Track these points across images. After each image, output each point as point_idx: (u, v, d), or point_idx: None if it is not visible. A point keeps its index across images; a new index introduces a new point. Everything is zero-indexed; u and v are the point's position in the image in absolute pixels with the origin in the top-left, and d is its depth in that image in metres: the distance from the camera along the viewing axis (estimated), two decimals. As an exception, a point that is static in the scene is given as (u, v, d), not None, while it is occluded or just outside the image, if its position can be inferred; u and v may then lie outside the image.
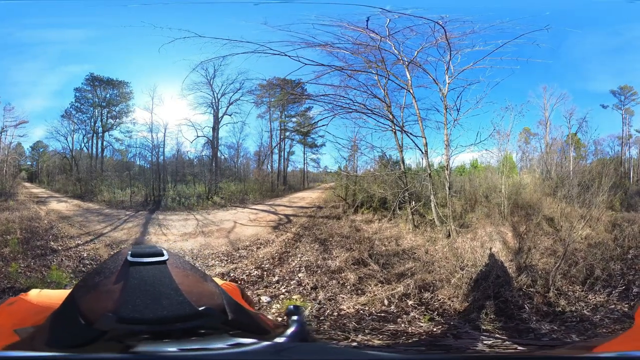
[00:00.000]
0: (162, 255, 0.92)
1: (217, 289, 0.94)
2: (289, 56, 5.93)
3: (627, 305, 4.05)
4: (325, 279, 4.94)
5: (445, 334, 3.69)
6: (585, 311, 4.02)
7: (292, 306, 0.97)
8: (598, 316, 3.90)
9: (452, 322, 3.91)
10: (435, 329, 3.78)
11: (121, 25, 6.03)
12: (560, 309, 4.09)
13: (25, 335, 0.87)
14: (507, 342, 3.34)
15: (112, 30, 6.64)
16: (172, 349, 0.76)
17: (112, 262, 0.93)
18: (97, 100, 7.92)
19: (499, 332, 3.66)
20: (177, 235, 6.45)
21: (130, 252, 0.91)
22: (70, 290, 0.92)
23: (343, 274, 4.97)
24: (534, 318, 3.92)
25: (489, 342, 3.35)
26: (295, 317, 0.93)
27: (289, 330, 0.89)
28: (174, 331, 0.79)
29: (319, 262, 5.42)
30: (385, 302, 4.33)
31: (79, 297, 0.86)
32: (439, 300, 4.37)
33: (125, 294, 0.81)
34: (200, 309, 0.82)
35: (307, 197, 8.51)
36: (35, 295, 1.12)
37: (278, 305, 4.38)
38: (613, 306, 4.08)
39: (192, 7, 6.27)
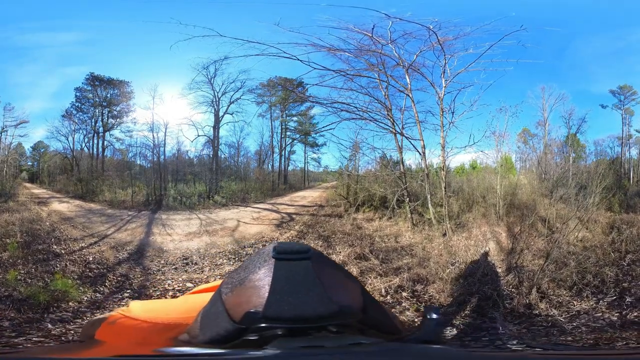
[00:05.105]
0: (307, 252, 0.90)
1: (359, 287, 0.94)
2: (300, 60, 5.98)
3: (616, 315, 3.74)
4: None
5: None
6: (561, 317, 3.83)
7: (429, 306, 1.01)
8: (574, 323, 3.66)
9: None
10: (416, 320, 3.83)
11: (125, 21, 5.96)
12: (537, 312, 3.96)
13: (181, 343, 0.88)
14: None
15: (112, 31, 6.59)
16: (293, 346, 0.78)
17: (257, 258, 0.94)
18: (97, 99, 7.85)
19: (462, 327, 3.68)
20: (181, 235, 6.49)
21: (275, 249, 0.91)
22: (217, 287, 0.93)
23: (346, 268, 5.14)
24: (502, 318, 3.84)
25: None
26: (430, 317, 0.92)
27: (420, 331, 0.89)
28: (313, 329, 0.80)
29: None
30: (383, 292, 4.58)
31: (225, 294, 0.87)
32: (429, 293, 4.56)
33: (270, 291, 0.81)
34: (341, 306, 0.82)
35: (309, 196, 8.62)
36: (139, 307, 1.13)
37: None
38: (599, 314, 3.80)
39: (202, 5, 6.20)
